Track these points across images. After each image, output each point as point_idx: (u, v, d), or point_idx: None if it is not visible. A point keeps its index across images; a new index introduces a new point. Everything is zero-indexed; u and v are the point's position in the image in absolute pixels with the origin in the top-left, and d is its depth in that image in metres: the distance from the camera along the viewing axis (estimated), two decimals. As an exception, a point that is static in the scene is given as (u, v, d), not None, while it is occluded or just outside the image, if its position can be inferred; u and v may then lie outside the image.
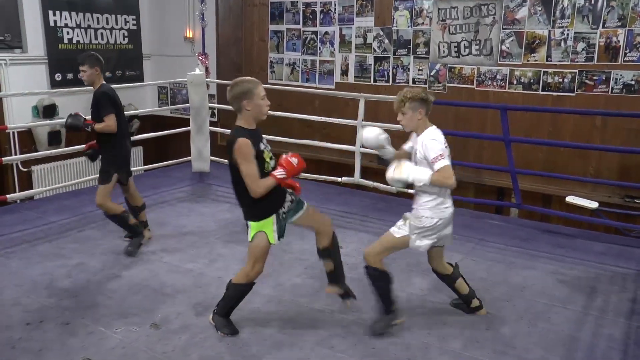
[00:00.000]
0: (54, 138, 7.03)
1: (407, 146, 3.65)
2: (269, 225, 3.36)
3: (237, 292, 3.50)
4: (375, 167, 6.92)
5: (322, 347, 3.37)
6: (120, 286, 4.11)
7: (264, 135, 3.54)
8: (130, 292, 4.01)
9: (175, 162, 7.12)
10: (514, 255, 4.85)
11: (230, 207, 5.96)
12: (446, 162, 3.27)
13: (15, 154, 6.74)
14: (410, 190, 5.90)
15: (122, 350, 3.30)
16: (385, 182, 6.15)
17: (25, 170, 6.96)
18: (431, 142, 3.33)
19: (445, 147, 3.37)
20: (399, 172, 3.34)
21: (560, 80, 6.09)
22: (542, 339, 3.51)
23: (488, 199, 6.40)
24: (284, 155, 3.37)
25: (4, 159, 5.77)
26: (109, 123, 4.49)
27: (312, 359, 3.26)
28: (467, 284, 3.80)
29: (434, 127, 3.47)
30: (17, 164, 6.86)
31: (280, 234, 3.44)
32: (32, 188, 6.82)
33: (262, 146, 3.34)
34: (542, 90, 6.21)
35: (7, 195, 5.62)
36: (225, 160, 7.01)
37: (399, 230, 3.53)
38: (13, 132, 6.79)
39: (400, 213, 5.72)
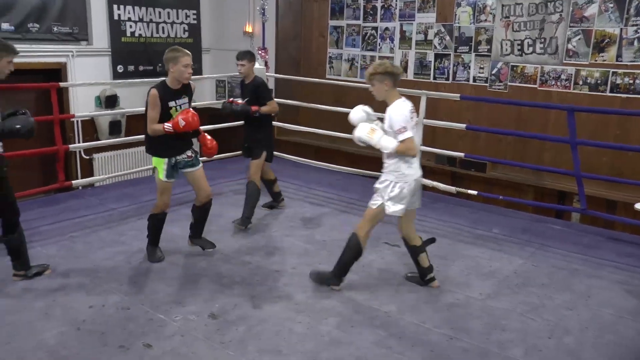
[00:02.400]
0: (114, 127, 7.23)
1: None
2: (161, 164, 4.23)
3: (153, 222, 4.44)
4: (433, 166, 6.84)
5: (379, 347, 3.33)
6: (178, 275, 4.18)
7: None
8: (189, 281, 4.07)
9: (232, 155, 7.19)
10: (577, 262, 4.66)
11: (287, 201, 5.97)
12: (409, 134, 3.63)
13: (79, 142, 6.96)
14: (470, 191, 5.81)
15: (181, 338, 3.34)
16: (444, 182, 6.08)
17: (87, 157, 7.19)
18: (395, 114, 3.67)
19: (411, 118, 3.71)
20: (369, 135, 3.71)
21: (631, 81, 5.82)
22: (609, 352, 3.35)
23: (548, 202, 6.19)
24: (179, 116, 4.12)
25: (70, 146, 5.96)
26: (274, 105, 5.28)
27: (370, 358, 3.21)
28: (428, 259, 4.09)
29: (403, 99, 3.78)
30: (80, 152, 7.09)
31: (170, 176, 4.27)
32: (92, 175, 7.03)
33: (171, 104, 4.16)
34: (609, 92, 5.96)
35: (72, 182, 5.81)
36: (283, 154, 7.15)
37: (374, 202, 3.83)
38: (77, 121, 7.01)
39: (458, 213, 5.70)
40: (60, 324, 3.45)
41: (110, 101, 7.22)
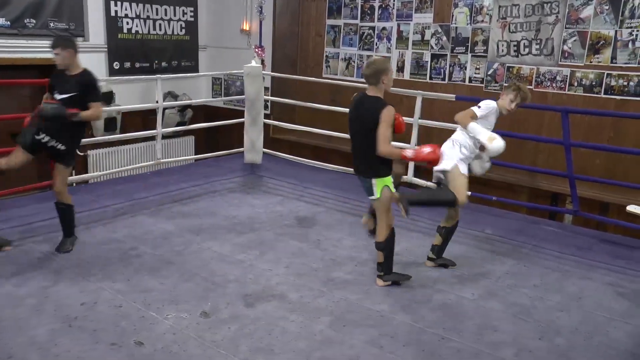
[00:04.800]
0: (110, 124, 7.21)
1: None
2: (389, 181, 3.99)
3: (391, 242, 4.08)
4: (428, 166, 6.84)
5: (371, 346, 3.33)
6: (171, 273, 4.17)
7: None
8: (182, 279, 4.07)
9: (227, 153, 7.19)
10: (569, 263, 4.67)
11: (282, 200, 5.99)
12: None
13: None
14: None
15: (173, 336, 3.34)
16: (438, 183, 6.07)
17: (82, 154, 7.17)
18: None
19: (488, 112, 4.30)
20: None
21: (625, 83, 5.84)
22: (600, 354, 3.37)
23: (541, 204, 6.21)
24: (423, 148, 4.01)
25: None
26: (97, 111, 4.36)
27: (362, 357, 3.22)
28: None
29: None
30: (74, 148, 7.06)
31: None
32: (87, 172, 7.02)
33: None
34: (604, 94, 5.98)
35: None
36: (278, 153, 7.15)
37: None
38: (72, 117, 6.99)
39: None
40: (51, 320, 3.45)
41: (106, 98, 7.19)
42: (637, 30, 5.70)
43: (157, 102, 6.41)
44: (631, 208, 5.11)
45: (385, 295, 3.97)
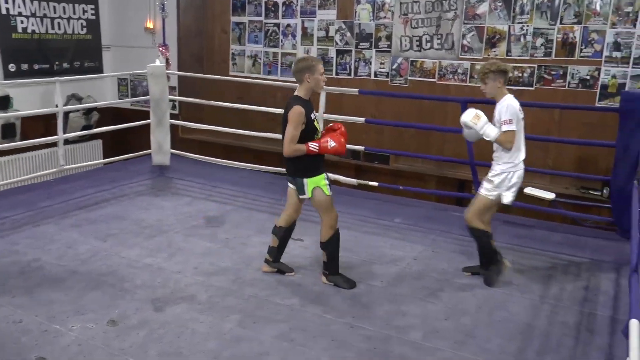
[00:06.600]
0: (8, 131, 6.80)
1: None
2: (322, 180, 3.90)
3: (334, 244, 4.03)
4: (337, 160, 6.94)
5: (282, 340, 3.36)
6: (76, 282, 4.00)
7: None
8: (87, 288, 3.92)
9: (135, 156, 6.97)
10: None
11: (191, 201, 5.90)
12: (512, 127, 3.87)
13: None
14: (371, 183, 5.96)
15: (78, 347, 3.22)
16: (349, 175, 6.19)
17: (-22, 164, 6.73)
18: (506, 107, 3.90)
19: (520, 115, 3.94)
20: (474, 121, 3.96)
21: (520, 74, 6.19)
22: (501, 328, 3.57)
23: (449, 191, 6.47)
24: (327, 136, 3.87)
25: (-47, 152, 5.56)
26: None
27: (272, 353, 3.23)
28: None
29: (512, 96, 4.00)
30: (-33, 158, 6.62)
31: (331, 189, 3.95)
32: (-16, 182, 6.59)
33: (312, 117, 3.87)
34: (502, 85, 6.29)
35: (-42, 190, 5.42)
36: (187, 153, 7.01)
37: (490, 193, 4.08)
38: (-37, 125, 6.54)
39: (363, 205, 5.83)
40: (-60, 343, 3.22)
41: (3, 103, 6.78)
42: (527, 26, 6.07)
43: (56, 106, 6.11)
44: (528, 190, 5.43)
45: (295, 289, 4.01)
